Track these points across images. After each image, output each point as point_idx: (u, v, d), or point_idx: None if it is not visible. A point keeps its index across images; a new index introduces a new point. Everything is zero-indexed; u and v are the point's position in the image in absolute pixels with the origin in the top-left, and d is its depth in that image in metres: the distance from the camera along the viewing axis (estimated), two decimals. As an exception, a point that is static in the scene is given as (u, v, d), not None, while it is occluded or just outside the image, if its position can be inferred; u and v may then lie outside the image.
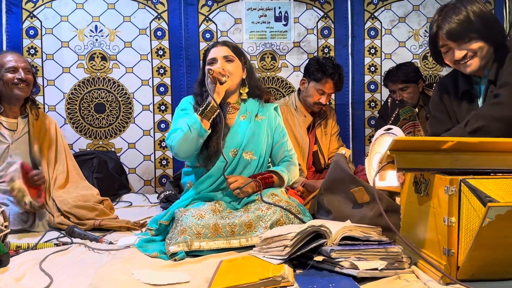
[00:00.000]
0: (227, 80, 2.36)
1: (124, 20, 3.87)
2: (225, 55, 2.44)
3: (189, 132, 2.29)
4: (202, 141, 2.33)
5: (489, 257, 1.55)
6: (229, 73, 2.38)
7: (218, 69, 2.35)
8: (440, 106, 2.41)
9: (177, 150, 2.35)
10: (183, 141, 2.31)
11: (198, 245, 2.05)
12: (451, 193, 1.56)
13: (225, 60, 2.43)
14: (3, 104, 2.74)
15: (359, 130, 4.09)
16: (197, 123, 2.29)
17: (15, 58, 2.73)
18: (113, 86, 3.88)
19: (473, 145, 1.70)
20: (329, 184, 2.30)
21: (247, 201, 2.30)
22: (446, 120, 2.38)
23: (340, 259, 1.67)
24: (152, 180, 3.95)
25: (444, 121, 2.38)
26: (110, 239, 2.31)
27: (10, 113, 2.77)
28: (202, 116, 2.30)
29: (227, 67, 2.41)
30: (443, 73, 4.09)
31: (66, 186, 2.81)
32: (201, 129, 2.29)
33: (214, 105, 2.31)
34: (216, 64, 2.41)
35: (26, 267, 1.91)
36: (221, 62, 2.41)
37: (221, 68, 2.37)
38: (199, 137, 2.30)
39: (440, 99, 2.40)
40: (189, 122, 2.31)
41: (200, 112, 2.31)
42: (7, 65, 2.69)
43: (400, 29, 4.08)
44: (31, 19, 3.78)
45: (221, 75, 2.33)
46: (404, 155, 1.70)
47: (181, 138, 2.31)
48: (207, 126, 2.31)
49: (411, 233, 1.85)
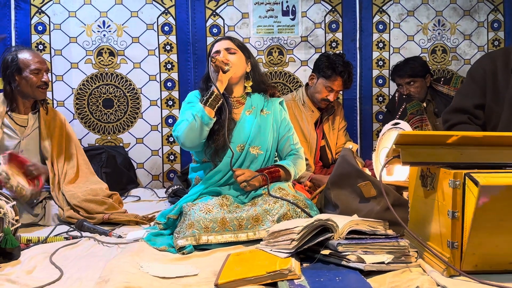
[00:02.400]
0: (230, 69, 2.38)
1: (131, 16, 3.90)
2: (227, 47, 2.47)
3: (194, 121, 2.32)
4: (207, 129, 2.35)
5: (489, 244, 1.57)
6: (231, 63, 2.41)
7: (221, 58, 2.38)
8: (479, 77, 2.35)
9: (183, 140, 2.38)
10: (188, 130, 2.34)
11: (206, 239, 2.08)
12: (455, 186, 1.58)
13: (228, 51, 2.46)
14: (17, 100, 2.78)
15: (367, 125, 4.10)
16: (202, 111, 2.32)
17: (38, 58, 2.77)
18: (121, 82, 3.92)
19: (478, 139, 1.71)
20: (336, 179, 2.31)
21: (254, 195, 2.33)
22: (477, 93, 2.33)
23: (346, 252, 1.69)
24: (160, 175, 3.99)
25: (475, 94, 2.33)
26: (119, 233, 2.35)
27: (23, 109, 2.81)
28: (206, 105, 2.33)
29: (230, 58, 2.44)
30: (451, 67, 4.09)
31: (76, 181, 2.84)
32: (205, 117, 2.31)
33: (217, 93, 2.34)
34: (219, 55, 2.44)
35: (37, 260, 1.95)
36: (223, 54, 2.45)
37: (224, 57, 2.41)
38: (204, 125, 2.32)
39: (484, 70, 2.35)
40: (193, 111, 2.35)
41: (204, 101, 2.34)
42: (32, 67, 2.72)
43: (408, 22, 4.07)
44: (40, 15, 3.82)
45: (224, 64, 2.36)
46: (410, 149, 1.71)
47: (186, 127, 2.34)
48: (211, 114, 2.33)
49: (418, 226, 1.87)
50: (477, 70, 2.43)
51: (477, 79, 2.40)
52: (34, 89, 2.73)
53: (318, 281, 1.58)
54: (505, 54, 2.31)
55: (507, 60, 2.31)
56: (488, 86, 2.35)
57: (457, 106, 2.46)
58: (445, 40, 4.09)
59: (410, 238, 1.86)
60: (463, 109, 2.44)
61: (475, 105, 2.36)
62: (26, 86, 2.72)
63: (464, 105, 2.38)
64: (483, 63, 2.43)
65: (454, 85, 3.61)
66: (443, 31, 4.08)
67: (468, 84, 2.45)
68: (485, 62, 2.42)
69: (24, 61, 2.71)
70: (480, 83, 2.37)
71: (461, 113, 2.45)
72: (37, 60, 2.75)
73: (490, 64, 2.36)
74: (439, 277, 1.59)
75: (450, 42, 4.09)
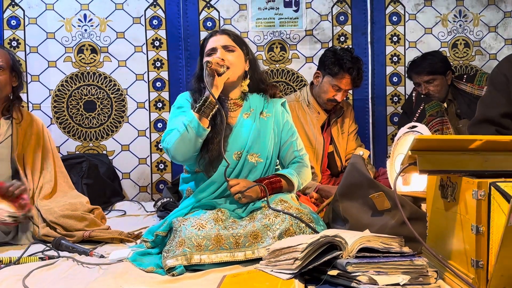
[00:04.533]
0: (226, 70, 2.37)
1: (116, 8, 3.91)
2: (225, 44, 2.46)
3: (186, 132, 2.31)
4: (201, 141, 2.34)
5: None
6: (229, 64, 2.40)
7: (216, 59, 2.36)
8: (501, 84, 2.39)
9: (174, 153, 2.37)
10: (180, 142, 2.33)
11: (199, 259, 2.07)
12: (480, 198, 1.57)
13: (225, 50, 2.45)
14: None
15: (380, 129, 4.09)
16: (195, 121, 2.30)
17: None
18: (104, 82, 3.92)
19: (505, 144, 1.70)
20: (345, 190, 2.31)
21: (252, 208, 2.32)
22: (502, 101, 2.36)
23: (357, 273, 1.68)
24: (148, 186, 3.98)
25: (500, 102, 2.37)
26: (101, 252, 2.33)
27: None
28: (199, 113, 2.32)
29: (228, 57, 2.43)
30: (475, 63, 4.08)
31: (52, 196, 2.82)
32: (199, 128, 2.30)
33: (212, 100, 2.32)
34: (215, 55, 2.43)
35: (8, 283, 1.94)
36: (220, 52, 2.43)
37: (220, 58, 2.39)
38: (198, 137, 2.32)
39: (506, 76, 2.37)
40: (185, 121, 2.33)
41: (197, 108, 2.32)
42: None
43: (426, 13, 4.07)
44: (13, 7, 3.82)
45: (219, 66, 2.35)
46: (428, 156, 1.71)
47: (177, 139, 2.33)
48: (205, 124, 2.33)
49: (438, 243, 1.86)
50: (498, 77, 2.47)
51: (499, 86, 2.43)
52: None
53: (325, 306, 1.57)
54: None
55: None
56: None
57: (482, 118, 2.49)
58: (467, 32, 4.08)
59: (428, 256, 1.85)
60: (488, 120, 2.47)
61: (502, 114, 2.39)
62: None
63: (489, 115, 2.40)
64: (503, 68, 2.46)
65: (478, 83, 3.60)
66: (465, 22, 4.07)
67: (490, 92, 2.48)
68: (506, 66, 2.46)
69: None
70: (503, 90, 2.41)
71: (487, 124, 2.48)
72: None
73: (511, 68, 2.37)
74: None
75: (473, 35, 4.08)
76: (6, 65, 2.76)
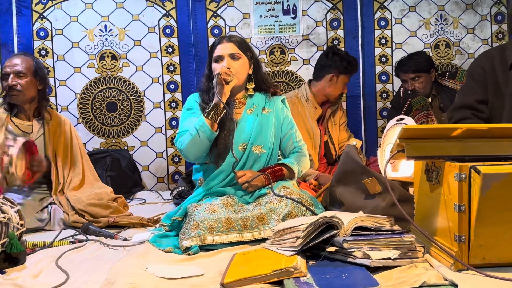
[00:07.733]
0: (233, 78, 2.36)
1: (133, 19, 3.91)
2: (231, 52, 2.44)
3: (197, 135, 2.33)
4: (210, 143, 2.36)
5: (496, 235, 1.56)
6: (235, 71, 2.39)
7: (224, 69, 2.35)
8: (479, 76, 2.40)
9: (187, 153, 2.41)
10: (191, 144, 2.35)
11: (211, 239, 2.08)
12: (461, 179, 1.57)
13: (231, 58, 2.44)
14: (16, 106, 2.77)
15: (371, 122, 4.08)
16: (205, 126, 2.32)
17: (12, 62, 2.71)
18: (124, 85, 3.92)
19: (483, 132, 1.70)
20: (340, 176, 2.31)
21: (258, 194, 2.31)
22: (479, 90, 2.38)
23: (352, 249, 1.68)
24: (165, 177, 3.99)
25: (477, 91, 2.39)
26: (124, 236, 2.35)
27: (23, 115, 2.80)
28: (209, 118, 2.33)
29: (234, 65, 2.42)
30: (455, 61, 4.06)
31: (80, 188, 2.83)
32: (208, 131, 2.32)
33: (220, 105, 2.33)
34: (222, 62, 2.42)
35: (43, 264, 1.96)
36: (227, 61, 2.42)
37: (227, 67, 2.38)
38: (207, 140, 2.34)
39: (483, 69, 2.39)
40: (196, 125, 2.34)
41: (207, 114, 2.34)
42: (2, 72, 2.70)
43: (410, 18, 4.05)
44: (41, 20, 3.83)
45: (228, 75, 2.34)
46: (414, 144, 1.70)
47: (189, 141, 2.35)
48: (214, 128, 2.34)
49: (424, 221, 1.86)
50: (476, 70, 2.47)
51: (477, 78, 2.44)
52: (7, 95, 2.70)
53: (324, 278, 1.57)
54: (501, 52, 2.36)
55: (503, 57, 2.34)
56: (489, 84, 2.40)
57: (460, 103, 2.49)
58: (448, 34, 4.06)
59: (416, 233, 1.85)
60: (466, 105, 2.47)
61: (478, 100, 2.40)
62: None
63: (466, 101, 2.41)
64: (481, 62, 2.46)
65: (459, 79, 3.59)
66: (446, 25, 4.06)
67: (468, 83, 2.49)
68: (483, 61, 2.46)
69: (3, 67, 2.70)
70: (481, 81, 2.41)
71: (465, 109, 2.47)
72: (8, 64, 2.71)
73: (488, 63, 2.40)
74: (447, 272, 1.58)
75: (453, 37, 4.07)
76: (26, 70, 2.72)
